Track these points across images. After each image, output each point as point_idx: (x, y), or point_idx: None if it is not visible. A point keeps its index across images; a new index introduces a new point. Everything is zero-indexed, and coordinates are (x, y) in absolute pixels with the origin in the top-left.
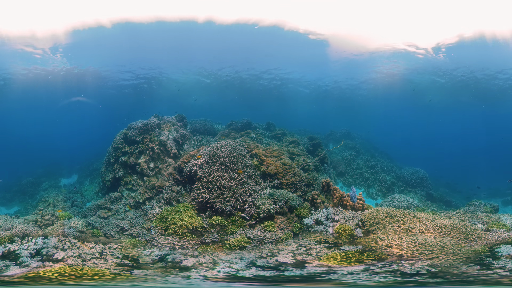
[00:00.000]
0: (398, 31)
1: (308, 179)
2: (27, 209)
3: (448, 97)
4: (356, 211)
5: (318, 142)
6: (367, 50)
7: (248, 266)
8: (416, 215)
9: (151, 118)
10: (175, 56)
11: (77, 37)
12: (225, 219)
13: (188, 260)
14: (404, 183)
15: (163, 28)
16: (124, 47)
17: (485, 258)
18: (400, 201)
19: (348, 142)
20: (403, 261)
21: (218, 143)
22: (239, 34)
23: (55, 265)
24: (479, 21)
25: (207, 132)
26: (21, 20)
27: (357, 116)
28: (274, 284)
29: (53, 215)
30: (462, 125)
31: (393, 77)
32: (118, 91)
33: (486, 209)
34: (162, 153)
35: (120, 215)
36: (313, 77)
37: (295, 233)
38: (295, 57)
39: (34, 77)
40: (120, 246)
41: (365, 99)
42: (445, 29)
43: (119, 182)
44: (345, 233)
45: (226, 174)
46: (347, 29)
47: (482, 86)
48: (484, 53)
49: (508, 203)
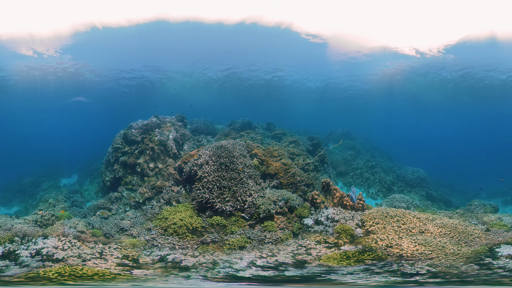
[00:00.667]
0: (398, 31)
1: (308, 179)
2: (27, 209)
3: (448, 97)
4: (356, 211)
5: (318, 142)
6: (367, 50)
7: (248, 266)
8: (416, 215)
9: (151, 118)
10: (176, 56)
11: (77, 37)
12: (225, 219)
13: (188, 260)
14: (404, 183)
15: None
16: (124, 47)
17: (485, 258)
18: (400, 201)
19: (348, 142)
20: (403, 261)
21: (218, 143)
22: (240, 34)
23: (55, 265)
24: (479, 21)
25: (207, 132)
26: (22, 20)
27: (357, 116)
28: (274, 284)
29: (53, 215)
30: (462, 125)
31: (394, 77)
32: (118, 91)
33: (486, 209)
34: (162, 153)
35: (120, 215)
36: (313, 77)
37: (295, 233)
38: (295, 57)
39: (34, 77)
40: (120, 246)
41: (365, 99)
42: (445, 30)
43: (119, 182)
44: (345, 233)
45: (226, 174)
46: (348, 30)
47: (483, 86)
48: (484, 53)
49: (508, 203)
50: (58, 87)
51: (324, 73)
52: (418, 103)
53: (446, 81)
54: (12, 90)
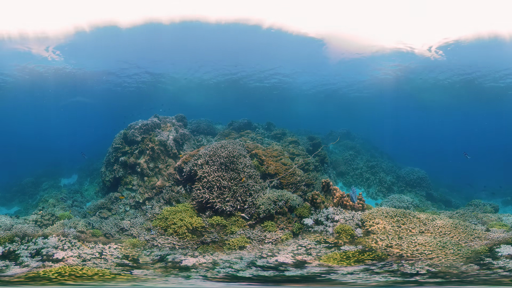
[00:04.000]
0: (398, 31)
1: (308, 179)
2: (27, 209)
3: (448, 97)
4: (356, 211)
5: (318, 142)
6: (367, 50)
7: (248, 266)
8: (416, 215)
9: (151, 118)
10: (176, 56)
11: (78, 37)
12: (225, 219)
13: (188, 260)
14: (404, 183)
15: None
16: (124, 48)
17: (485, 258)
18: (400, 201)
19: (348, 142)
20: (403, 261)
21: (218, 143)
22: (239, 34)
23: (55, 265)
24: (478, 21)
25: (207, 132)
26: (23, 20)
27: (357, 116)
28: (274, 284)
29: (53, 215)
30: (462, 125)
31: (394, 77)
32: (118, 90)
33: (486, 209)
34: (162, 153)
35: (120, 215)
36: (313, 77)
37: (295, 233)
38: (295, 57)
39: (35, 77)
40: (120, 246)
41: (365, 99)
42: (445, 29)
43: (119, 182)
44: (345, 233)
45: (226, 174)
46: (347, 30)
47: (483, 86)
48: (485, 53)
49: (508, 203)
50: (58, 86)
51: (324, 73)
52: (418, 103)
53: (446, 81)
54: (12, 89)
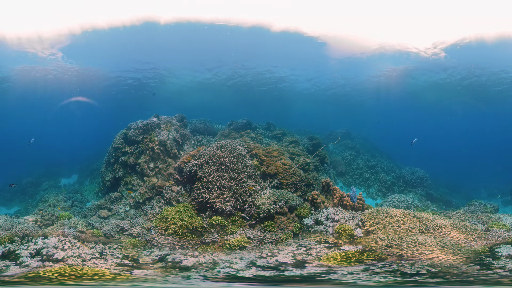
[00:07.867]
0: (399, 31)
1: (308, 179)
2: (27, 209)
3: (448, 97)
4: (356, 211)
5: (318, 142)
6: (368, 50)
7: (248, 266)
8: (416, 215)
9: (151, 118)
10: (176, 56)
11: (78, 37)
12: (225, 219)
13: (188, 260)
14: (404, 183)
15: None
16: (125, 47)
17: (485, 258)
18: (400, 201)
19: (348, 142)
20: (403, 261)
21: (218, 143)
22: (239, 34)
23: (55, 265)
24: (479, 21)
25: (207, 132)
26: (24, 20)
27: (357, 116)
28: (274, 284)
29: (53, 215)
30: (462, 125)
31: (394, 77)
32: (118, 90)
33: (486, 209)
34: (162, 153)
35: (120, 215)
36: (313, 77)
37: (295, 233)
38: (295, 57)
39: (35, 77)
40: (120, 246)
41: (365, 99)
42: (445, 29)
43: (119, 182)
44: (345, 233)
45: (226, 174)
46: (347, 30)
47: (483, 86)
48: (485, 53)
49: (508, 203)
50: (58, 86)
51: (324, 73)
52: (418, 103)
53: (446, 81)
54: (12, 89)
